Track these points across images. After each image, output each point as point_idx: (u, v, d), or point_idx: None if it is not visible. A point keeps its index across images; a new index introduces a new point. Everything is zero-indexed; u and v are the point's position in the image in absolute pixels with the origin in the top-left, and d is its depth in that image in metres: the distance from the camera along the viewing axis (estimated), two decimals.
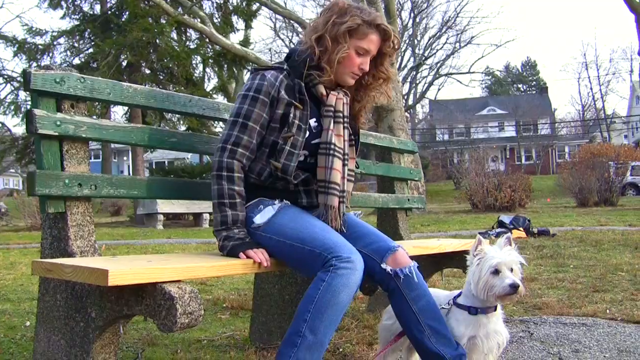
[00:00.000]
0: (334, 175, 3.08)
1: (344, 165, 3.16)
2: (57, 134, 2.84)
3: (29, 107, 2.88)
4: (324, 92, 3.14)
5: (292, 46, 3.30)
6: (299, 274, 3.22)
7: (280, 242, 2.91)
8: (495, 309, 3.04)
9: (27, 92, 2.89)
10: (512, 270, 2.92)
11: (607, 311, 4.88)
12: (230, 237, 2.91)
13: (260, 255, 2.85)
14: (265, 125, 3.05)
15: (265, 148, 3.08)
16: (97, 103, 24.37)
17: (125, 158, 65.77)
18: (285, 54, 3.34)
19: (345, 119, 3.19)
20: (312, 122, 3.14)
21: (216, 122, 29.10)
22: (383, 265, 2.98)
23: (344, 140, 3.17)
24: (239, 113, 3.03)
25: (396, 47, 3.20)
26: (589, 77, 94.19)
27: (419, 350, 3.02)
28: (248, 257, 2.83)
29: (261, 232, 2.97)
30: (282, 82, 3.06)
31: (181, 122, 28.02)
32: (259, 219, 3.00)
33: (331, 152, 3.09)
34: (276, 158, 3.03)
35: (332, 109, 3.14)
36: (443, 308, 3.11)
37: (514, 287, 2.84)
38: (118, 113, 30.28)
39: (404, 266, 3.00)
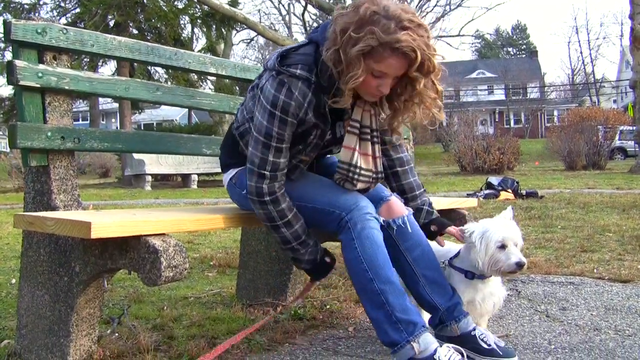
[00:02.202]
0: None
1: (371, 183, 2.94)
2: (39, 85, 2.79)
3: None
4: (349, 106, 2.78)
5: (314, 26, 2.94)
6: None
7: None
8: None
9: (8, 43, 2.83)
10: (516, 245, 2.89)
11: (595, 270, 4.88)
12: (299, 260, 2.93)
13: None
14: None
15: None
16: (83, 62, 24.34)
17: (113, 120, 65.51)
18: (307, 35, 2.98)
19: (374, 133, 2.90)
20: (339, 130, 2.93)
21: (203, 82, 29.05)
22: (376, 215, 2.89)
23: (375, 158, 2.91)
24: (271, 135, 2.72)
25: (431, 70, 2.65)
26: (579, 41, 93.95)
27: (416, 298, 3.01)
28: None
29: None
30: (311, 102, 2.72)
31: (169, 82, 27.83)
32: None
33: (356, 175, 2.86)
34: None
35: (358, 123, 2.87)
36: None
37: (520, 266, 2.82)
38: (105, 73, 30.19)
39: (397, 216, 2.96)
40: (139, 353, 2.95)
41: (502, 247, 2.85)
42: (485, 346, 2.88)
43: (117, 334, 3.33)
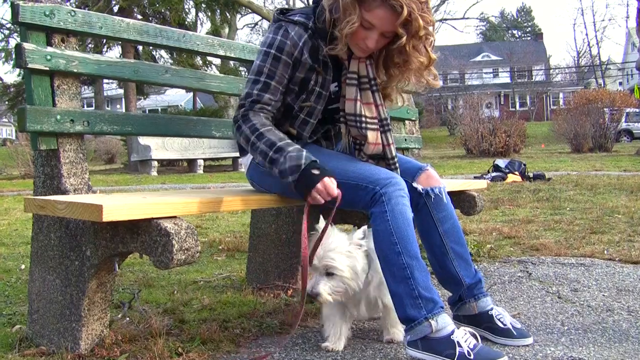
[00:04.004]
0: (369, 149, 2.92)
1: (383, 133, 2.94)
2: (47, 68, 2.76)
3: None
4: (345, 56, 2.86)
5: None
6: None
7: None
8: None
9: (16, 26, 2.80)
10: (329, 273, 2.66)
11: (605, 252, 4.86)
12: (283, 173, 2.65)
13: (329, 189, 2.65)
14: (286, 85, 2.85)
15: (281, 107, 2.90)
16: (89, 44, 24.30)
17: (118, 106, 65.50)
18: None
19: (373, 82, 2.90)
20: (333, 86, 2.95)
21: (209, 67, 28.99)
22: (414, 184, 2.93)
23: (377, 106, 2.92)
24: (261, 71, 2.80)
25: (418, 30, 2.65)
26: (584, 23, 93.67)
27: (439, 272, 3.02)
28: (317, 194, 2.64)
29: None
30: (306, 43, 2.80)
31: (174, 66, 27.77)
32: None
33: (363, 124, 2.89)
34: (291, 123, 2.92)
35: (356, 75, 2.89)
36: None
37: (310, 296, 2.65)
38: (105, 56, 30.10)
39: (434, 186, 2.97)
40: (151, 337, 2.94)
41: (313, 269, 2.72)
42: (501, 326, 2.88)
43: (128, 319, 3.32)
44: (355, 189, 2.73)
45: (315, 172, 2.62)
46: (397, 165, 2.98)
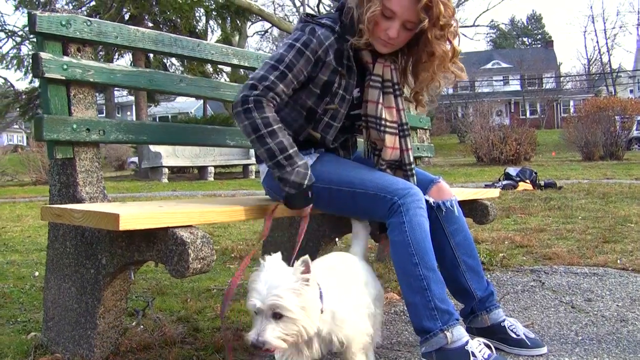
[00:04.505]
0: (386, 153, 2.93)
1: (402, 137, 2.96)
2: (64, 78, 2.78)
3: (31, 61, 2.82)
4: (370, 60, 2.92)
5: None
6: (348, 216, 3.07)
7: (326, 189, 2.81)
8: None
9: (33, 35, 2.83)
10: (277, 314, 2.18)
11: (618, 261, 4.84)
12: (284, 181, 2.69)
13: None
14: (302, 81, 2.82)
15: (303, 110, 2.91)
16: (100, 53, 24.38)
17: (128, 113, 65.65)
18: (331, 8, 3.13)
19: (397, 87, 2.94)
20: (355, 92, 2.95)
21: (219, 75, 29.04)
22: (426, 197, 2.91)
23: (398, 110, 2.95)
24: (282, 60, 2.75)
25: (439, 17, 2.69)
26: (595, 31, 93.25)
27: (451, 284, 3.01)
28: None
29: None
30: (332, 45, 2.81)
31: (185, 74, 27.84)
32: None
33: (382, 127, 2.92)
34: (314, 127, 2.92)
35: (380, 78, 2.92)
36: None
37: (254, 347, 2.19)
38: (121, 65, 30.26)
39: (446, 199, 2.98)
40: (166, 345, 2.95)
41: (256, 312, 2.21)
42: (514, 336, 2.89)
43: (142, 326, 3.33)
44: (373, 199, 2.74)
45: (310, 194, 2.73)
46: (414, 172, 2.98)
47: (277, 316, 2.17)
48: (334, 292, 2.40)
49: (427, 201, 2.89)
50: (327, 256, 2.74)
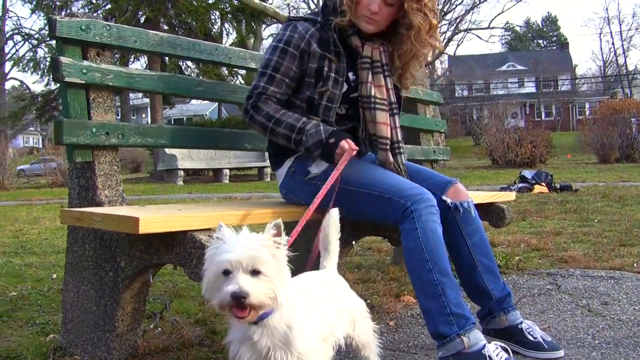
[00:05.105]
0: (380, 129, 3.02)
1: (391, 115, 3.10)
2: (83, 82, 2.81)
3: (47, 63, 2.86)
4: (359, 44, 3.07)
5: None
6: (360, 218, 3.11)
7: (342, 190, 2.82)
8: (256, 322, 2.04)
9: (53, 40, 2.86)
10: (255, 271, 1.94)
11: (635, 265, 4.82)
12: (309, 149, 2.87)
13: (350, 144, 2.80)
14: (296, 78, 3.02)
15: (303, 104, 3.03)
16: (115, 55, 24.50)
17: (144, 115, 65.82)
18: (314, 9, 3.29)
19: (385, 67, 3.10)
20: (350, 75, 3.07)
21: (234, 77, 29.08)
22: (444, 197, 2.98)
23: (387, 89, 3.10)
24: (268, 65, 2.99)
25: None
26: (610, 33, 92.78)
27: (468, 285, 3.04)
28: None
29: (318, 181, 2.89)
30: (314, 35, 3.00)
31: (200, 76, 27.90)
32: (315, 168, 2.95)
33: (372, 105, 3.02)
34: (315, 112, 2.98)
35: (369, 59, 3.06)
36: None
37: (234, 297, 1.89)
38: (139, 69, 30.49)
39: (463, 200, 3.01)
40: (184, 348, 2.97)
41: (226, 272, 1.95)
42: (531, 339, 2.89)
43: (160, 329, 3.35)
44: (386, 202, 2.76)
45: (332, 140, 2.82)
46: (402, 150, 3.11)
47: (255, 273, 1.93)
48: (301, 309, 2.14)
49: (444, 201, 2.96)
50: (302, 275, 2.44)
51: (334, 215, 2.48)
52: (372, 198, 2.78)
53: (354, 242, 3.73)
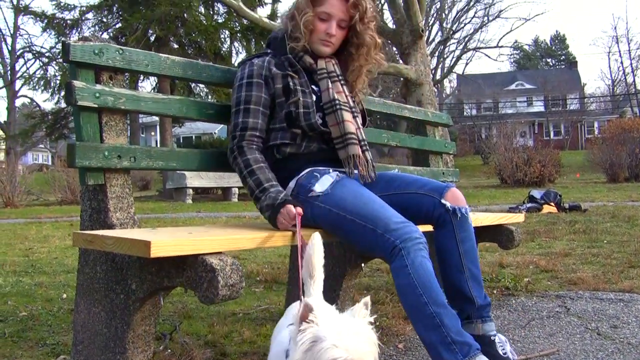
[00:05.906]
0: (348, 127, 3.15)
1: (354, 117, 3.26)
2: (96, 105, 2.83)
3: (58, 82, 2.88)
4: (312, 61, 3.26)
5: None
6: (352, 246, 3.20)
7: (340, 216, 2.85)
8: None
9: (66, 64, 2.89)
10: None
11: None
12: (262, 209, 2.94)
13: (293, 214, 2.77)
14: (268, 105, 3.15)
15: (284, 122, 3.13)
16: (125, 78, 24.66)
17: (152, 133, 65.94)
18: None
19: (340, 77, 3.30)
20: (314, 87, 3.24)
21: None
22: (443, 201, 3.05)
23: (346, 95, 3.26)
24: (239, 101, 3.13)
25: (366, 12, 3.19)
26: (619, 51, 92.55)
27: (452, 290, 3.10)
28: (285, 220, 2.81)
29: (319, 202, 2.92)
30: (270, 62, 3.19)
31: (209, 97, 27.98)
32: (319, 187, 2.97)
33: (337, 107, 3.17)
34: (297, 124, 3.09)
35: (325, 70, 3.25)
36: None
37: None
38: (145, 88, 30.57)
39: (461, 205, 3.08)
40: None
41: None
42: (500, 353, 2.97)
43: (169, 351, 3.36)
44: (371, 234, 2.78)
45: (281, 204, 2.84)
46: (367, 147, 3.27)
47: None
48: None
49: (444, 205, 3.05)
50: (294, 305, 2.37)
51: (317, 241, 2.47)
52: (367, 231, 2.80)
53: (362, 264, 3.73)
